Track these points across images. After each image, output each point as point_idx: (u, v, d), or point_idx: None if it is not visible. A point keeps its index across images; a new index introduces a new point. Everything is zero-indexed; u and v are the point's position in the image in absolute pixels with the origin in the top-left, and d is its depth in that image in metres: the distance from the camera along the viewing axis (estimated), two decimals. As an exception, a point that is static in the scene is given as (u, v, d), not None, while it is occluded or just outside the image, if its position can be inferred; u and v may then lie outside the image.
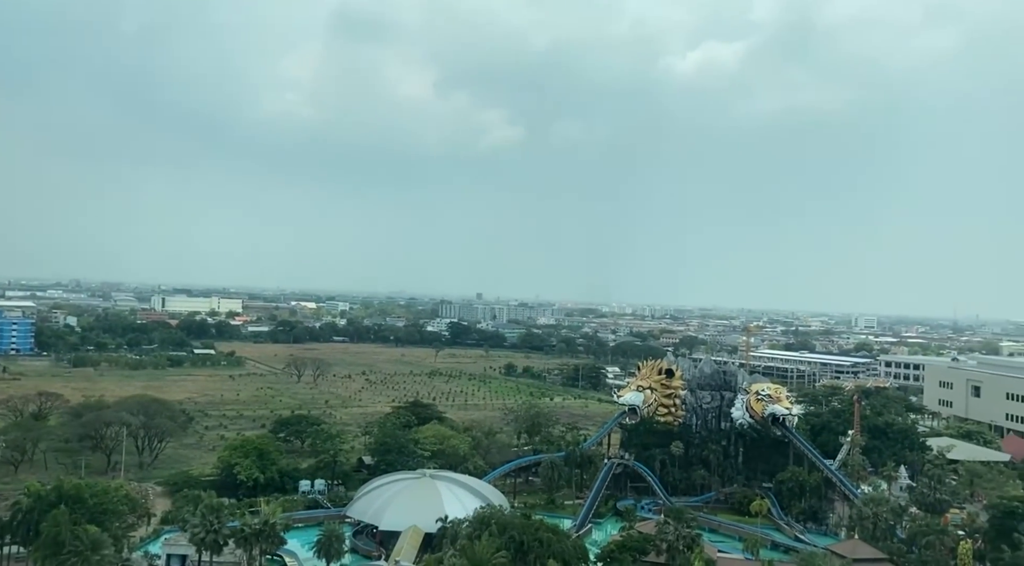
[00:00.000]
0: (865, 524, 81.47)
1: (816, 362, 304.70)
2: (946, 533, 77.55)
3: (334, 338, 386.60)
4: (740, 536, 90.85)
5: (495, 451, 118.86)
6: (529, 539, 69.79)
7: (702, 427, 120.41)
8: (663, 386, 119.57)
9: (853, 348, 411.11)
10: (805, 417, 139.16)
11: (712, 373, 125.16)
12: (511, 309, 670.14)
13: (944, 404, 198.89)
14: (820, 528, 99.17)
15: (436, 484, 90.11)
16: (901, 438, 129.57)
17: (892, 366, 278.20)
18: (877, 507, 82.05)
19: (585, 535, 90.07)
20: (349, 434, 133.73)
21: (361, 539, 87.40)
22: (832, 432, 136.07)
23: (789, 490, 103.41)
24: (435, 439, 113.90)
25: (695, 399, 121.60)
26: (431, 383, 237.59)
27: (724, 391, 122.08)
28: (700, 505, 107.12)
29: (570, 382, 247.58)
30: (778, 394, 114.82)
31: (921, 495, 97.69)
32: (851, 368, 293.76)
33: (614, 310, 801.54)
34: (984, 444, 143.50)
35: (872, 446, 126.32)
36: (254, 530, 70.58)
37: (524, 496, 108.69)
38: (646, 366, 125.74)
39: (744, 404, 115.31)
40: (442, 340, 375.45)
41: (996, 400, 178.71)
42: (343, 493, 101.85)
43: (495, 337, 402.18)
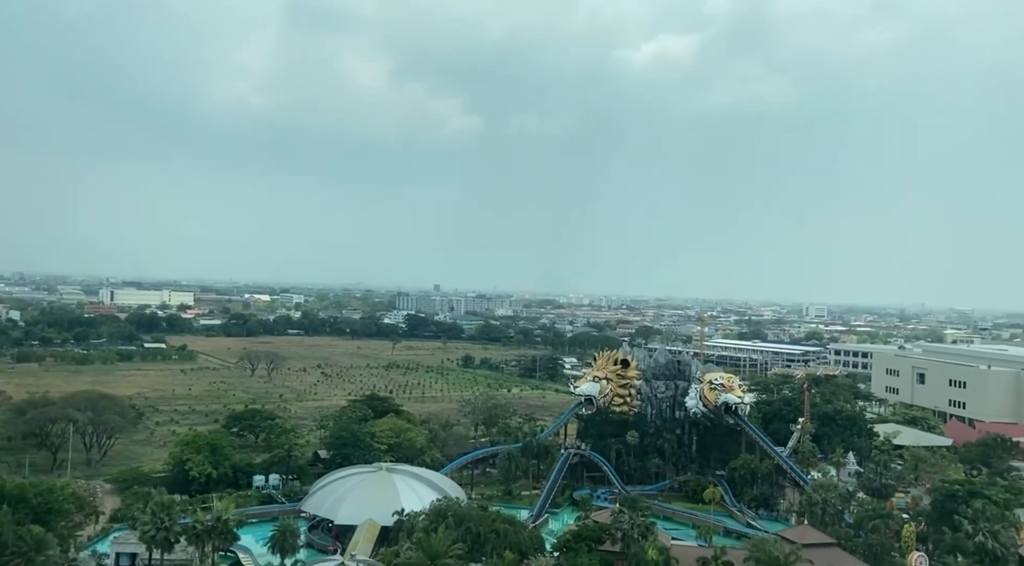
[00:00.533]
0: (814, 510, 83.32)
1: (768, 351, 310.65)
2: (891, 517, 79.69)
3: (289, 331, 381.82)
4: (693, 523, 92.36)
5: (452, 443, 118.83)
6: (486, 530, 70.11)
7: (657, 416, 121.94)
8: (619, 376, 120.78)
9: (804, 337, 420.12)
10: (757, 405, 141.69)
11: (667, 363, 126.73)
12: (469, 301, 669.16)
13: (891, 391, 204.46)
14: (771, 514, 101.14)
15: (392, 477, 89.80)
16: (849, 425, 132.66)
17: (841, 354, 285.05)
18: (826, 493, 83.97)
19: (541, 525, 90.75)
20: (304, 428, 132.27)
21: (317, 534, 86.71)
22: (783, 420, 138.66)
23: (741, 477, 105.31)
24: (392, 432, 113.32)
25: (650, 389, 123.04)
26: (388, 376, 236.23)
27: (678, 381, 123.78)
28: (655, 493, 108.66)
29: (528, 373, 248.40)
30: (731, 383, 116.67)
31: (868, 480, 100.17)
32: (802, 356, 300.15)
33: (571, 301, 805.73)
34: (928, 430, 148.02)
35: (822, 433, 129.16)
36: (206, 527, 69.53)
37: (481, 488, 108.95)
38: (602, 357, 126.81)
39: (698, 393, 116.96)
40: (399, 332, 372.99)
41: (940, 387, 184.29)
42: (298, 488, 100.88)
43: (453, 329, 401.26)
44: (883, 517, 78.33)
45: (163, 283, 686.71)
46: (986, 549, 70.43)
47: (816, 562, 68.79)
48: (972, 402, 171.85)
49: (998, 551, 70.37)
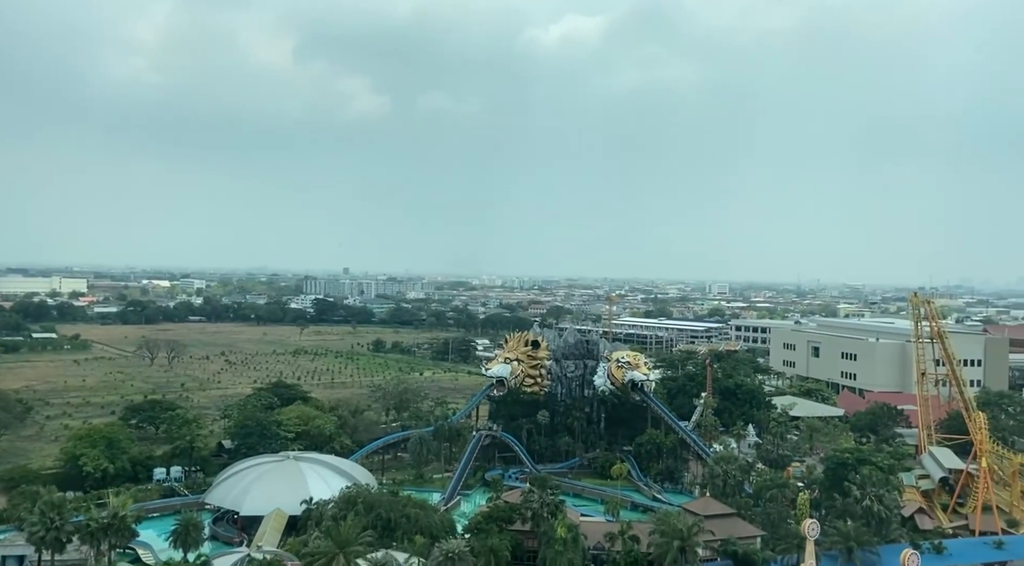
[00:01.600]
0: (716, 482, 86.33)
1: (673, 328, 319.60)
2: (787, 486, 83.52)
3: (190, 318, 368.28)
4: (602, 499, 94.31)
5: (362, 429, 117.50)
6: (396, 516, 69.72)
7: (567, 395, 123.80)
8: (529, 357, 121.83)
9: (707, 314, 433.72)
10: (662, 382, 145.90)
11: (576, 343, 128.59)
12: (379, 284, 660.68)
13: (788, 364, 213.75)
14: (676, 487, 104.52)
15: (300, 466, 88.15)
16: (749, 398, 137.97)
17: (742, 330, 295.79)
18: (727, 465, 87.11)
19: (453, 508, 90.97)
20: (208, 418, 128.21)
21: (222, 526, 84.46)
22: (687, 395, 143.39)
23: (647, 452, 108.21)
24: (299, 420, 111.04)
25: (560, 368, 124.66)
26: (295, 362, 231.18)
27: (587, 360, 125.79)
28: (565, 471, 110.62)
29: (440, 356, 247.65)
30: (637, 361, 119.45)
31: (766, 452, 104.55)
32: (705, 333, 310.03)
33: (484, 282, 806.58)
34: (822, 401, 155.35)
35: (723, 407, 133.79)
36: (101, 524, 66.47)
37: (393, 473, 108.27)
38: (513, 338, 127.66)
39: (606, 372, 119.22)
40: (307, 317, 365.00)
41: (833, 359, 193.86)
42: (202, 479, 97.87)
43: (363, 313, 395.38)
44: (780, 486, 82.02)
45: (53, 270, 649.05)
46: (872, 512, 74.71)
47: (717, 532, 71.61)
48: (862, 373, 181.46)
49: (883, 514, 74.78)
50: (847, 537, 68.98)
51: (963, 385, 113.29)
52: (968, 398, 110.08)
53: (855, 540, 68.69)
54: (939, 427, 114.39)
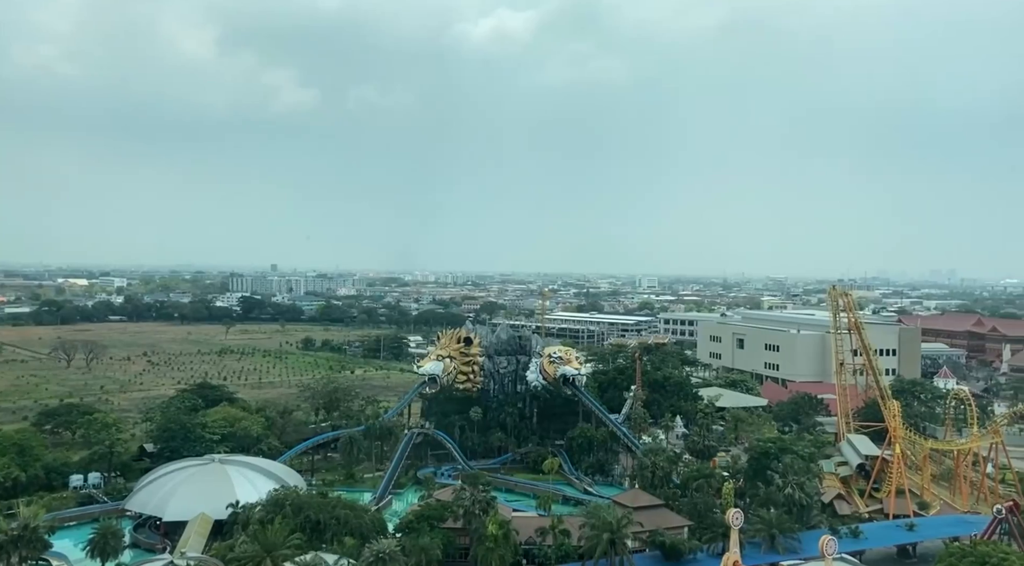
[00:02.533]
0: (645, 473, 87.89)
1: (605, 322, 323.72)
2: (713, 476, 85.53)
3: (110, 317, 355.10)
4: (535, 493, 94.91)
5: (291, 430, 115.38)
6: (326, 517, 68.69)
7: (499, 391, 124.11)
8: (462, 354, 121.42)
9: (637, 307, 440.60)
10: (594, 375, 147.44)
11: (508, 339, 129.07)
12: (309, 281, 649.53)
13: (714, 356, 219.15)
14: (607, 480, 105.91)
15: (226, 469, 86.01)
16: (677, 390, 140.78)
17: (670, 323, 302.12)
18: (655, 457, 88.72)
19: (385, 507, 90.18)
20: (129, 421, 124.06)
21: (143, 532, 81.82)
22: (618, 388, 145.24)
23: (579, 446, 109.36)
24: (225, 422, 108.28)
25: (493, 365, 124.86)
26: (221, 362, 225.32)
27: (520, 355, 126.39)
28: (498, 467, 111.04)
29: (372, 353, 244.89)
30: (568, 356, 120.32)
31: (693, 443, 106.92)
32: (635, 326, 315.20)
33: (417, 278, 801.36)
34: (747, 391, 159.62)
35: (652, 399, 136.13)
36: (10, 537, 63.44)
37: (323, 473, 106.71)
38: (445, 335, 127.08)
39: (538, 367, 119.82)
40: (233, 315, 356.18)
41: (756, 351, 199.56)
42: (122, 485, 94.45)
43: (292, 310, 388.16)
44: (706, 477, 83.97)
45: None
46: (794, 499, 77.23)
47: (646, 523, 72.85)
48: (784, 364, 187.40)
49: (803, 501, 77.43)
50: (770, 524, 71.09)
51: (879, 374, 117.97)
52: (883, 387, 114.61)
53: (777, 527, 70.85)
54: (857, 415, 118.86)
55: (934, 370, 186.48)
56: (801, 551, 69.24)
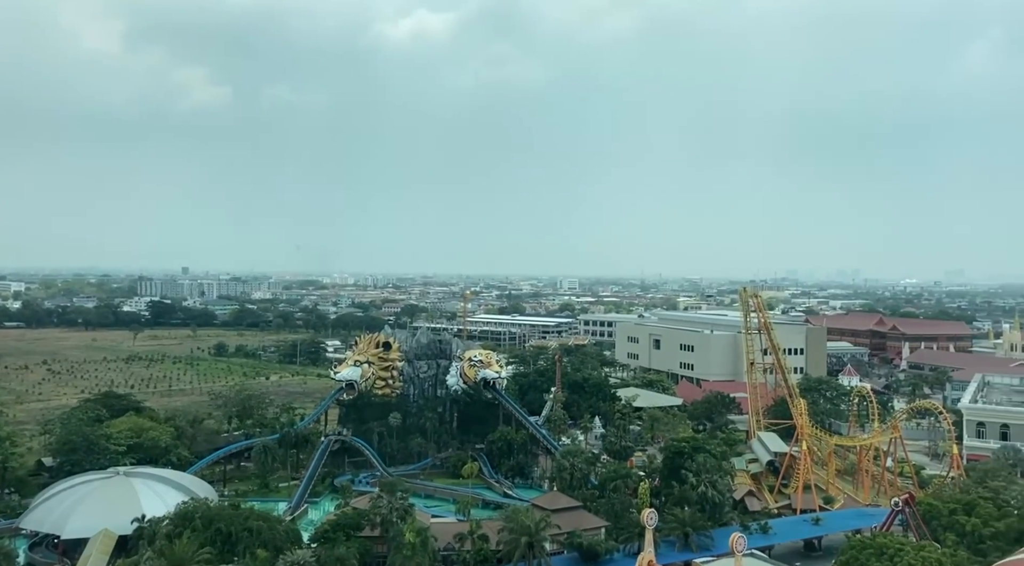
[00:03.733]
0: (563, 475, 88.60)
1: (526, 324, 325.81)
2: (630, 476, 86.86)
3: (6, 323, 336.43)
4: (454, 498, 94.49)
5: (202, 439, 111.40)
6: (238, 529, 66.66)
7: (419, 396, 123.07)
8: (381, 359, 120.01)
9: (558, 309, 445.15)
10: (514, 378, 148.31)
11: (428, 343, 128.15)
12: (222, 284, 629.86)
13: (632, 357, 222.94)
14: (527, 482, 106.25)
15: (132, 482, 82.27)
16: (596, 391, 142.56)
17: (590, 325, 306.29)
18: (573, 459, 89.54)
19: (300, 517, 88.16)
20: (25, 434, 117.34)
21: (40, 552, 77.35)
22: (538, 390, 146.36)
23: (499, 449, 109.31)
24: (131, 432, 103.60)
25: (413, 369, 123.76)
26: (129, 370, 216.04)
27: (440, 359, 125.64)
28: (417, 472, 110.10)
29: (288, 359, 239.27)
30: (489, 359, 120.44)
31: (610, 443, 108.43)
32: (556, 328, 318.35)
33: (336, 281, 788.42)
34: (663, 391, 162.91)
35: (572, 400, 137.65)
36: None
37: (236, 484, 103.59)
38: (363, 340, 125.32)
39: (458, 371, 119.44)
40: (141, 321, 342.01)
41: (672, 351, 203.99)
42: (17, 502, 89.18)
43: (204, 315, 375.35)
44: (623, 477, 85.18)
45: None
46: (707, 498, 79.26)
47: (564, 525, 73.42)
48: (699, 364, 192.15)
49: (716, 498, 79.54)
50: (683, 523, 72.73)
51: (787, 373, 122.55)
52: (791, 385, 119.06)
53: (691, 525, 72.57)
54: (767, 413, 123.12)
55: (839, 368, 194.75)
56: (714, 548, 71.03)
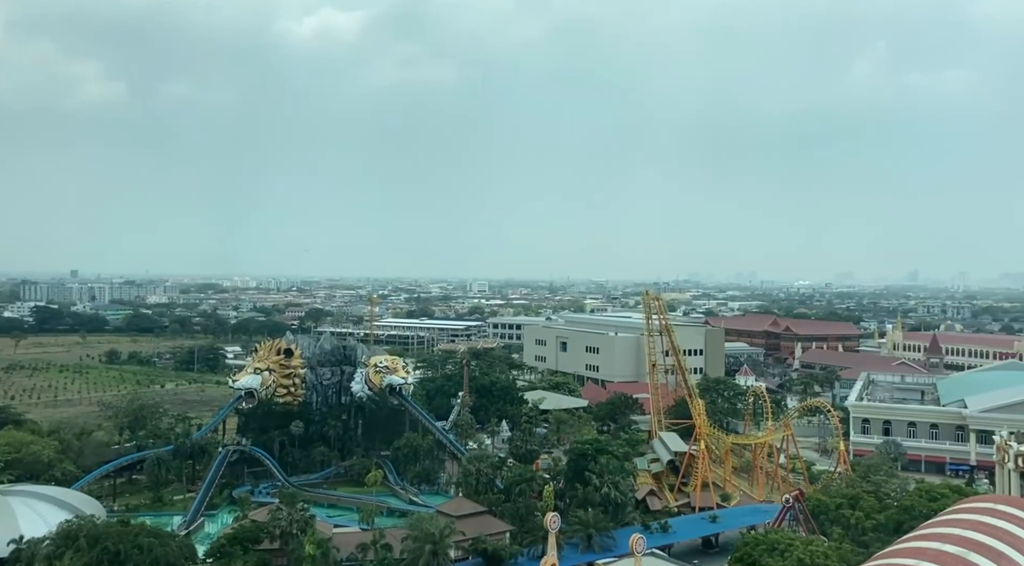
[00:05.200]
0: (469, 480, 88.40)
1: (435, 328, 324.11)
2: (535, 479, 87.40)
3: None
4: (358, 507, 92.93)
5: (90, 452, 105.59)
6: (127, 547, 63.40)
7: (323, 404, 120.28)
8: (282, 366, 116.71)
9: (468, 312, 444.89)
10: (421, 383, 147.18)
11: (332, 349, 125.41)
12: (115, 288, 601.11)
13: (540, 359, 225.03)
14: (433, 488, 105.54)
15: (8, 501, 77.15)
16: (504, 395, 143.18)
17: (499, 328, 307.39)
18: (479, 463, 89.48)
19: (196, 531, 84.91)
20: None
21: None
22: (446, 395, 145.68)
23: (405, 455, 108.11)
24: (9, 447, 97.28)
25: (316, 376, 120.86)
26: (9, 379, 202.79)
27: (344, 366, 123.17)
28: (320, 481, 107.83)
29: (185, 366, 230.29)
30: (395, 365, 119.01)
31: (516, 447, 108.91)
32: (465, 331, 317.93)
33: (237, 284, 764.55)
34: (569, 393, 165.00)
35: (479, 404, 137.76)
36: None
37: (127, 498, 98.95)
38: (264, 347, 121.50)
39: (363, 377, 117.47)
40: (25, 327, 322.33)
41: (578, 353, 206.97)
42: None
43: (94, 320, 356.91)
44: (528, 480, 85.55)
45: None
46: (610, 499, 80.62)
47: (469, 531, 73.22)
48: (604, 365, 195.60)
49: (618, 499, 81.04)
50: (587, 525, 73.70)
51: (687, 373, 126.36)
52: (691, 385, 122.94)
53: (594, 527, 73.61)
54: (668, 413, 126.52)
55: (736, 368, 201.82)
56: (616, 548, 72.23)
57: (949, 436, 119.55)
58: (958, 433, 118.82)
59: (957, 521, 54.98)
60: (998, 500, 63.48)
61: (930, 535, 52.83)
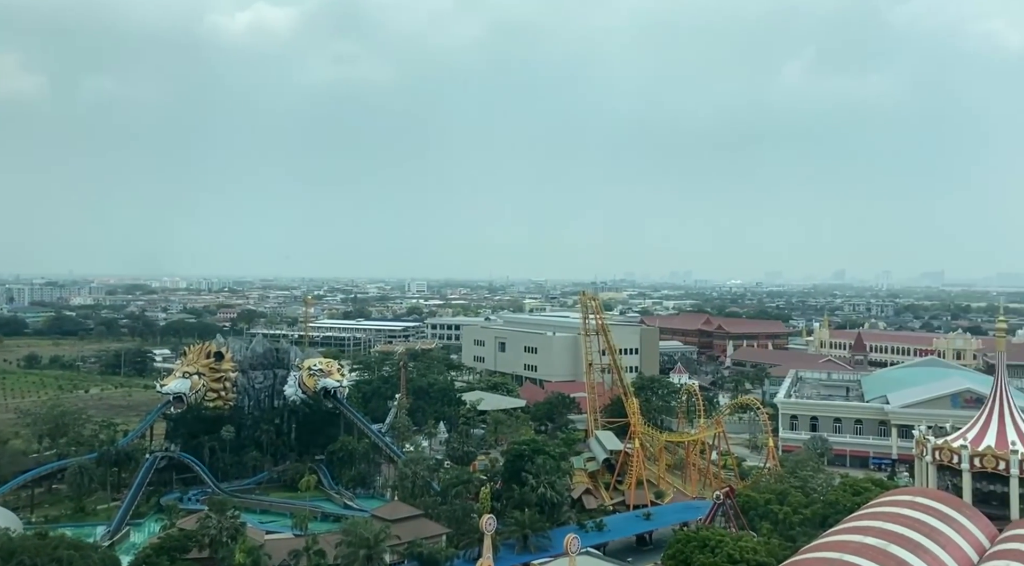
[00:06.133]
0: (405, 483, 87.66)
1: (372, 329, 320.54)
2: (472, 481, 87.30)
3: None
4: (291, 512, 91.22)
5: (6, 462, 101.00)
6: (44, 561, 60.95)
7: (255, 408, 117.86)
8: (212, 370, 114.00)
9: (406, 313, 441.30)
10: (357, 385, 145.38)
11: (265, 352, 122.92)
12: (35, 289, 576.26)
13: (478, 360, 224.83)
14: (369, 492, 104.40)
15: (-84, 516, 73.56)
16: (441, 396, 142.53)
17: (437, 328, 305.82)
18: (415, 466, 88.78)
19: (121, 541, 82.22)
20: None
21: None
22: (382, 397, 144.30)
23: (340, 459, 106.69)
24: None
25: (247, 380, 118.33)
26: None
27: (277, 369, 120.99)
28: (252, 487, 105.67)
29: (111, 370, 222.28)
30: (330, 367, 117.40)
31: (453, 448, 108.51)
32: (403, 332, 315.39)
33: (166, 285, 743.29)
34: (508, 393, 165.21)
35: (417, 406, 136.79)
36: None
37: (46, 509, 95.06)
38: (193, 350, 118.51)
39: (297, 380, 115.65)
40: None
41: (517, 353, 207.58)
42: None
43: (12, 323, 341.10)
44: (465, 482, 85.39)
45: None
46: (546, 499, 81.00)
47: (404, 535, 72.61)
48: (542, 365, 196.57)
49: (554, 499, 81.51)
50: (523, 525, 73.90)
51: (622, 372, 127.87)
52: (627, 384, 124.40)
53: (530, 527, 73.85)
54: (604, 412, 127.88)
55: (671, 366, 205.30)
56: (551, 548, 72.60)
57: (873, 431, 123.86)
58: (881, 428, 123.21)
59: (878, 514, 57.04)
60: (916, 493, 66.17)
61: (853, 528, 54.69)
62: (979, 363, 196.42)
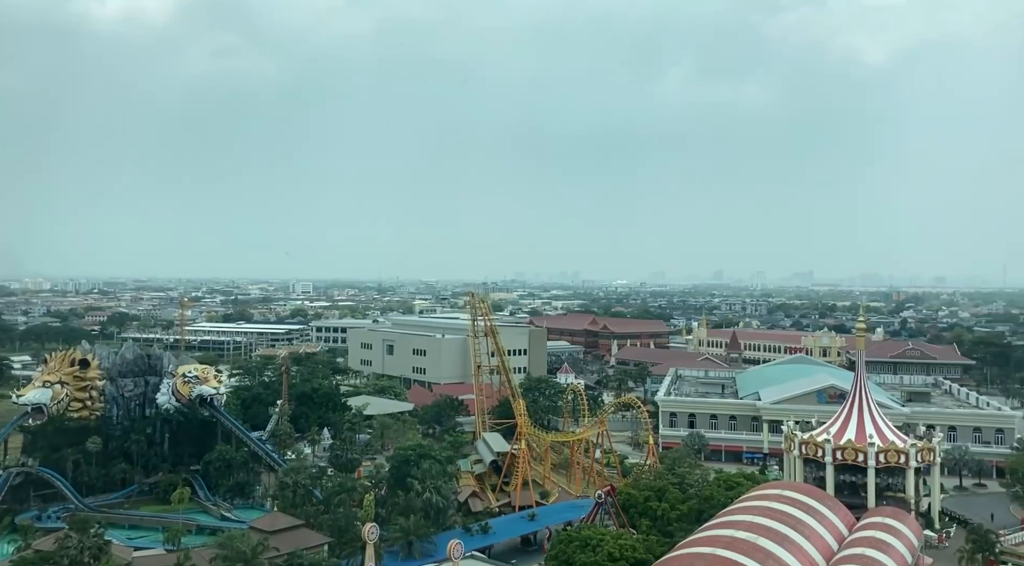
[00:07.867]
0: (286, 493, 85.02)
1: (253, 332, 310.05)
2: (355, 488, 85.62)
3: None
4: (163, 526, 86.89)
5: None
6: None
7: (124, 417, 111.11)
8: (76, 379, 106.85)
9: (290, 315, 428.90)
10: (236, 392, 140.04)
11: (135, 359, 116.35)
12: None
13: (365, 363, 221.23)
14: (249, 502, 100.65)
15: None
16: (326, 401, 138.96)
17: (323, 331, 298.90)
18: (296, 475, 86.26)
19: (-33, 568, 75.81)
20: None
21: None
22: (263, 403, 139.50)
23: (217, 469, 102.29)
24: None
25: (116, 388, 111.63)
26: None
27: (149, 376, 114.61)
28: (121, 501, 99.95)
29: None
30: (206, 374, 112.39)
31: (336, 456, 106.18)
32: (286, 335, 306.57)
33: (27, 286, 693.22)
34: (395, 397, 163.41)
35: (300, 412, 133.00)
36: None
37: None
38: (55, 358, 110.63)
39: (170, 388, 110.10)
40: None
41: (405, 356, 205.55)
42: None
43: None
44: (348, 490, 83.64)
45: None
46: (431, 503, 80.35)
47: (284, 546, 70.25)
48: (431, 368, 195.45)
49: (440, 503, 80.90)
50: (407, 531, 73.05)
51: (510, 373, 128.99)
52: (514, 385, 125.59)
53: (415, 533, 73.07)
54: (492, 413, 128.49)
55: (558, 366, 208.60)
56: (436, 553, 72.05)
57: (746, 427, 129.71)
58: (754, 424, 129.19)
59: (748, 508, 59.72)
60: (784, 486, 69.73)
61: (725, 523, 57.04)
62: (843, 360, 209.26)
